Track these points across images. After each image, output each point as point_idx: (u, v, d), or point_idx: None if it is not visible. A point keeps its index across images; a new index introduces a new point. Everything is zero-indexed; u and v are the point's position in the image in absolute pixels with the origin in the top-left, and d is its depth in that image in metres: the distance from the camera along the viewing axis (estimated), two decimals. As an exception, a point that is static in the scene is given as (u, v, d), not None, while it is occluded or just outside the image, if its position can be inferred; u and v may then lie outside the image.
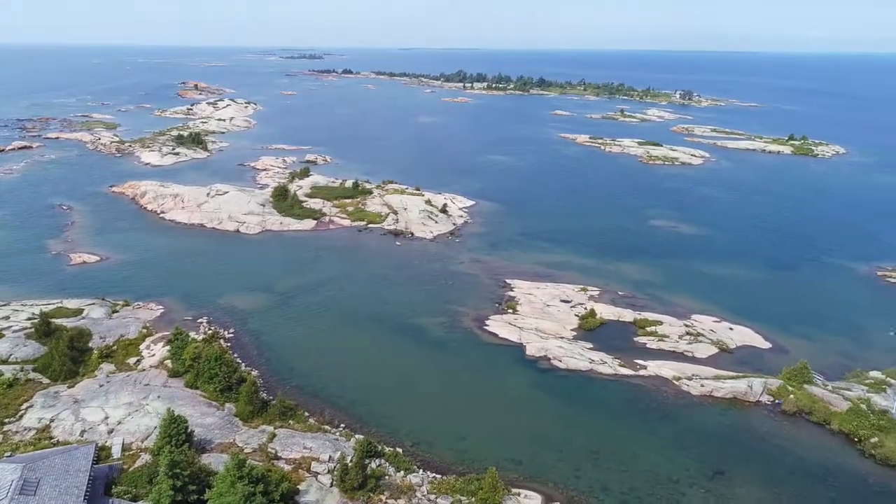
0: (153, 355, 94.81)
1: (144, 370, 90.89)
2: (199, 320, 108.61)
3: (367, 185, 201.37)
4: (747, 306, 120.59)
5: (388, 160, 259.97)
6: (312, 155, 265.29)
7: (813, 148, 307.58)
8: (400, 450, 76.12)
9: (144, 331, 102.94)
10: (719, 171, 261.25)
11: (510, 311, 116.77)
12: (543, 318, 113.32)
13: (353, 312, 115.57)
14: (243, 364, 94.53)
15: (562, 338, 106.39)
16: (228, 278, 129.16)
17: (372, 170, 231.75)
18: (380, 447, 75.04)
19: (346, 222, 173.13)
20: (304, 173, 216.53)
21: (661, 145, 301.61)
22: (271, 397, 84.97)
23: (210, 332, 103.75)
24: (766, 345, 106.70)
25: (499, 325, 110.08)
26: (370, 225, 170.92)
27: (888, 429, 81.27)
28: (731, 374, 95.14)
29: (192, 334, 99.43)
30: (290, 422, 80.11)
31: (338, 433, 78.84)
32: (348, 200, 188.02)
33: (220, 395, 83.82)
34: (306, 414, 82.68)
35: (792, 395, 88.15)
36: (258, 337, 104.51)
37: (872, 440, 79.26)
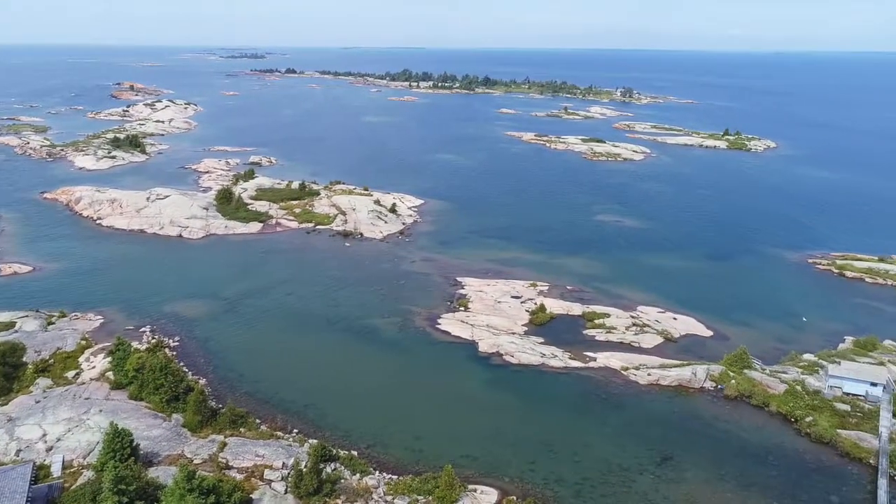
0: (93, 367, 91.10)
1: (84, 383, 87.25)
2: (141, 329, 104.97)
3: (315, 187, 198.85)
4: (690, 296, 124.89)
5: (334, 161, 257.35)
6: (257, 156, 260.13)
7: (746, 142, 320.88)
8: (355, 452, 75.57)
9: (83, 342, 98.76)
10: (660, 165, 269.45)
11: (462, 308, 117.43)
12: (495, 315, 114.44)
13: (303, 315, 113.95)
14: (190, 373, 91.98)
15: (513, 333, 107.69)
16: (172, 285, 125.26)
17: (318, 171, 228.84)
18: (334, 451, 74.35)
19: (294, 224, 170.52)
20: (249, 175, 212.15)
21: (605, 142, 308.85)
22: (221, 405, 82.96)
23: (154, 341, 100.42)
24: (708, 333, 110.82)
25: (451, 324, 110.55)
26: (318, 226, 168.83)
27: (821, 408, 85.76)
28: (675, 362, 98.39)
29: (135, 344, 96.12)
30: (241, 430, 78.43)
31: (291, 439, 77.65)
32: (295, 202, 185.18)
33: (166, 406, 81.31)
34: (258, 421, 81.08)
35: (733, 381, 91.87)
36: (205, 344, 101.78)
37: (807, 419, 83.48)
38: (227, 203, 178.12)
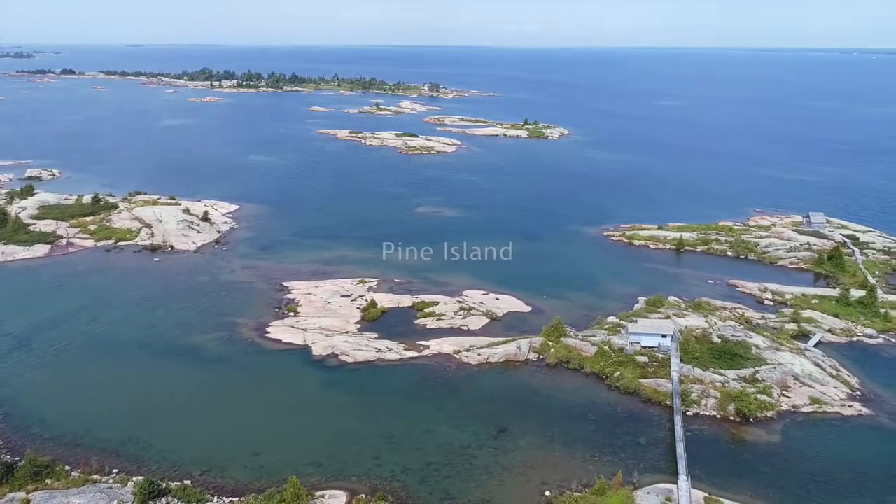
0: None
1: None
2: None
3: (111, 199, 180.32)
4: (508, 277, 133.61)
5: (132, 169, 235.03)
6: (35, 170, 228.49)
7: (544, 131, 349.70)
8: (188, 482, 70.42)
9: None
10: (471, 156, 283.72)
11: (291, 314, 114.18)
12: (326, 316, 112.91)
13: (112, 343, 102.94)
14: (-27, 427, 78.87)
15: (347, 332, 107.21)
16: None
17: (114, 182, 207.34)
18: (164, 484, 68.65)
19: (90, 243, 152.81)
20: (28, 192, 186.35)
21: (418, 136, 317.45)
22: (17, 458, 72.36)
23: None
24: (527, 308, 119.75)
25: (281, 331, 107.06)
26: (120, 243, 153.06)
27: (626, 363, 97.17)
28: (501, 339, 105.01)
29: None
30: (48, 481, 69.28)
31: (111, 480, 70.16)
32: (89, 218, 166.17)
33: (-56, 471, 68.88)
34: (67, 468, 72.09)
35: (552, 349, 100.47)
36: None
37: (615, 375, 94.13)
38: (1, 225, 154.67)
